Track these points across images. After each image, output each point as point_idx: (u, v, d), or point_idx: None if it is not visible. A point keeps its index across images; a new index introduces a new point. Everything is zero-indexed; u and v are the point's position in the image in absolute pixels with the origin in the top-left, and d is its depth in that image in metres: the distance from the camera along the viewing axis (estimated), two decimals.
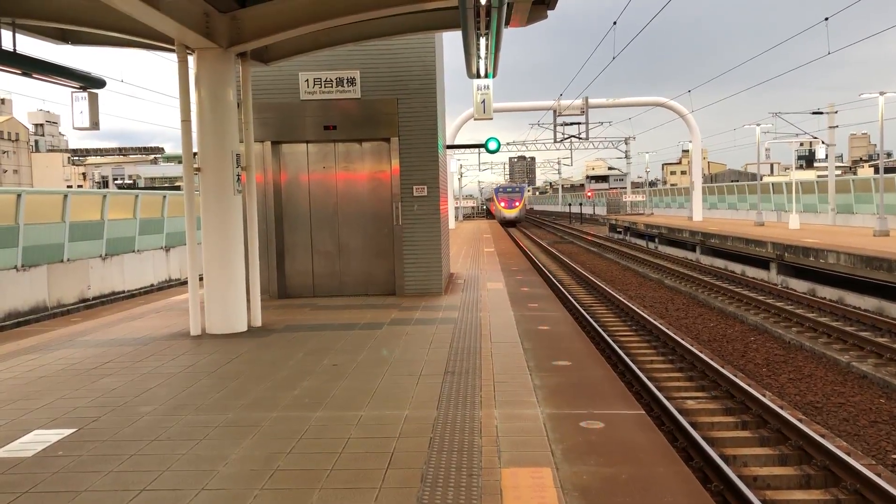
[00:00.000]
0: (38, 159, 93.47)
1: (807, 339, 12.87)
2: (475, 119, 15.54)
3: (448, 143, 29.61)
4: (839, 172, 58.09)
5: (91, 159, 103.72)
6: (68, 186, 78.89)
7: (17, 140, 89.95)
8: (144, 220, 23.35)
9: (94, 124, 10.38)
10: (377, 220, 12.64)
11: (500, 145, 19.74)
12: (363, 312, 10.72)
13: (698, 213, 39.79)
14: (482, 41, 8.82)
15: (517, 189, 63.34)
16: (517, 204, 60.16)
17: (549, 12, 9.94)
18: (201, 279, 9.41)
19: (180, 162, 9.92)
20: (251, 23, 9.31)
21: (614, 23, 18.90)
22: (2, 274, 16.64)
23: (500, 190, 62.97)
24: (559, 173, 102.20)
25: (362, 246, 12.72)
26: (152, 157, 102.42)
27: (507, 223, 56.95)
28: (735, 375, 9.89)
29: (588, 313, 15.36)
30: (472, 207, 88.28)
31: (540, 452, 4.76)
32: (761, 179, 37.67)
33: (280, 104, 12.38)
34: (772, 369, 11.25)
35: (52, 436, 5.35)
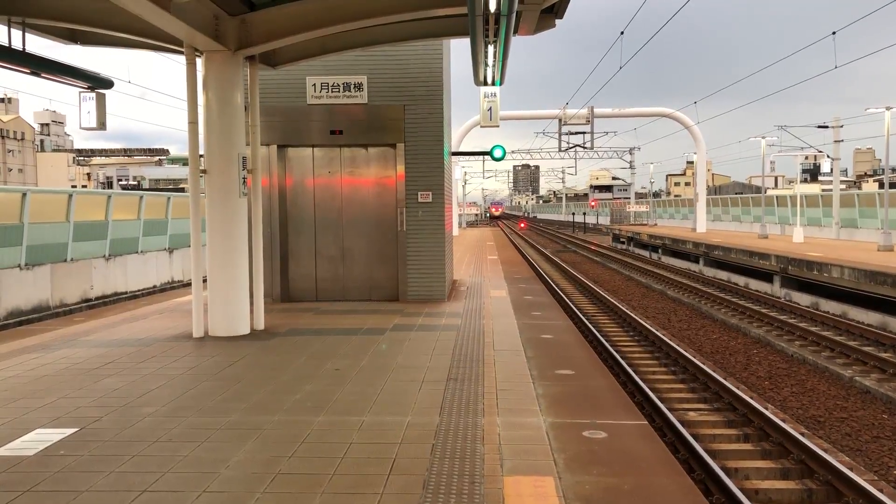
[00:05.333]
0: (44, 159, 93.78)
1: (810, 352, 12.83)
2: (481, 126, 15.57)
3: (453, 149, 29.65)
4: (844, 187, 58.11)
5: (96, 160, 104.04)
6: (73, 186, 79.04)
7: (22, 139, 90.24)
8: (148, 222, 23.38)
9: (101, 124, 10.41)
10: (381, 225, 12.64)
11: (505, 153, 19.72)
12: (366, 318, 10.71)
13: (702, 225, 39.77)
14: (490, 49, 8.83)
15: (500, 202, 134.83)
16: (499, 209, 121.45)
17: (557, 21, 9.97)
18: (205, 281, 9.41)
19: (185, 164, 9.96)
20: (260, 26, 9.34)
21: (622, 33, 18.94)
22: (5, 272, 16.66)
23: (492, 202, 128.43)
24: (563, 182, 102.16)
25: (366, 251, 12.72)
26: (157, 158, 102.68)
27: (494, 218, 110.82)
28: (737, 388, 9.86)
29: (591, 323, 15.34)
30: (476, 214, 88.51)
31: (542, 461, 4.74)
32: (765, 192, 37.65)
33: (287, 108, 12.41)
34: (774, 382, 11.22)
35: (54, 435, 5.35)
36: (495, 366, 7.49)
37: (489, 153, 19.50)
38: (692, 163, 55.69)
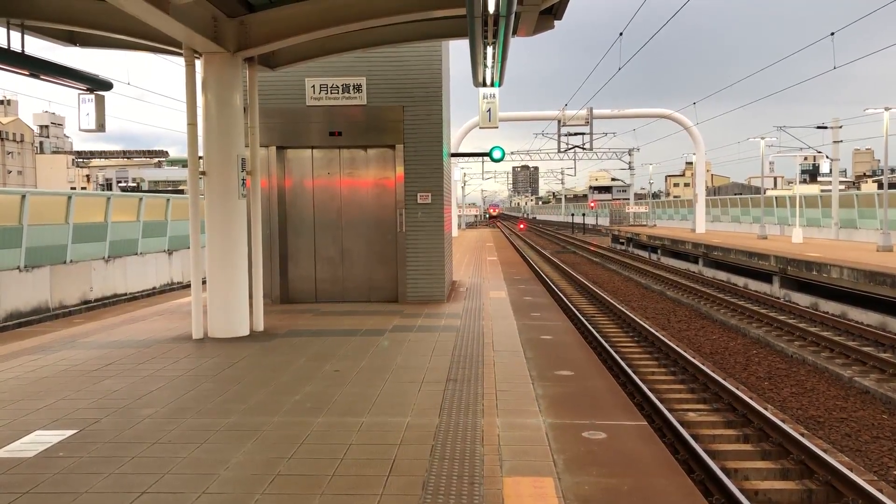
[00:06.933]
0: (43, 161, 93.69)
1: (809, 353, 12.83)
2: (480, 127, 15.59)
3: (452, 150, 29.67)
4: (843, 187, 58.17)
5: (95, 161, 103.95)
6: (72, 188, 79.02)
7: (21, 141, 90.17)
8: (147, 223, 23.38)
9: (101, 126, 10.43)
10: (381, 226, 12.64)
11: (504, 154, 19.73)
12: (365, 319, 10.71)
13: (701, 226, 39.78)
14: (489, 50, 8.84)
15: (497, 203, 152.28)
16: (497, 210, 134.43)
17: (556, 22, 9.98)
18: (204, 282, 9.41)
19: (184, 166, 10.00)
20: (259, 28, 9.34)
21: (620, 34, 18.95)
22: (5, 274, 16.66)
23: (490, 204, 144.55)
24: (562, 183, 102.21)
25: (365, 252, 12.72)
26: (156, 160, 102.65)
27: (492, 217, 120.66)
28: (737, 388, 9.86)
29: (590, 323, 15.34)
30: (475, 216, 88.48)
31: (542, 462, 4.74)
32: (765, 193, 37.67)
33: (286, 109, 12.41)
34: (774, 383, 11.22)
35: (54, 437, 5.34)
36: (495, 367, 7.49)
37: (488, 154, 19.53)
38: (691, 163, 55.75)
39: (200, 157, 9.34)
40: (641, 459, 4.85)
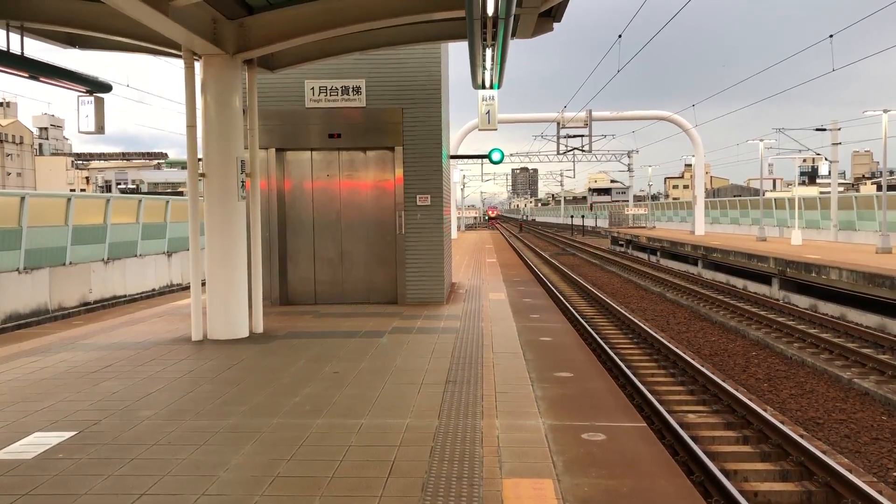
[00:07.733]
0: (42, 163, 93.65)
1: (808, 354, 12.83)
2: (479, 129, 15.60)
3: (452, 152, 29.69)
4: (842, 189, 58.22)
5: (94, 163, 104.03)
6: (71, 190, 78.98)
7: (21, 143, 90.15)
8: (147, 225, 23.37)
9: (100, 128, 10.44)
10: (380, 228, 12.64)
11: (503, 156, 19.74)
12: (365, 320, 10.71)
13: (700, 228, 39.80)
14: (488, 52, 8.84)
15: (495, 206, 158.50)
16: (495, 212, 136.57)
17: (555, 25, 9.99)
18: (204, 284, 9.41)
19: (184, 167, 10.02)
20: (258, 30, 9.35)
21: (619, 36, 18.96)
22: (4, 276, 16.65)
23: (489, 206, 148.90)
24: (562, 185, 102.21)
25: (365, 254, 12.73)
26: (156, 162, 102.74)
27: (491, 219, 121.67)
28: (736, 390, 9.86)
29: (589, 325, 15.34)
30: (475, 217, 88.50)
31: (541, 463, 4.74)
32: (764, 195, 37.69)
33: (285, 111, 12.41)
34: (773, 385, 11.22)
35: (53, 438, 5.34)
36: (494, 368, 7.49)
37: (487, 156, 19.53)
38: (690, 165, 55.77)
39: (200, 159, 9.34)
40: (641, 461, 4.85)
